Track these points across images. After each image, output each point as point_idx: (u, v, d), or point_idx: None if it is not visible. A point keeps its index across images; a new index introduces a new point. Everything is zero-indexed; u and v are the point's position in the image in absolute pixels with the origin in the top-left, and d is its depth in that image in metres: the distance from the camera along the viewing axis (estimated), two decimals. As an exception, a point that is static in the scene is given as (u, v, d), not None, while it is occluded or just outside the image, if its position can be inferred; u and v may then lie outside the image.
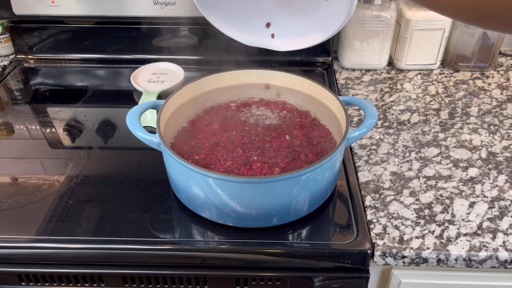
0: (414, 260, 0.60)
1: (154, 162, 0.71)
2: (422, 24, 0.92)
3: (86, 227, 0.62)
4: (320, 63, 1.01)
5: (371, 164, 0.73)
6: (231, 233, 0.61)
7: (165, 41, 1.00)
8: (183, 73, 0.94)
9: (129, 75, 0.93)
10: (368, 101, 0.71)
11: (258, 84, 0.77)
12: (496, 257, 0.59)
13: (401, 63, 0.98)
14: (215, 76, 0.75)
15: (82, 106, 0.89)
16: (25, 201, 0.66)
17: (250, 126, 0.69)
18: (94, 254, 0.61)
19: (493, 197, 0.67)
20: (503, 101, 0.89)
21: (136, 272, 0.62)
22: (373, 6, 0.92)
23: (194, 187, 0.59)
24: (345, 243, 0.60)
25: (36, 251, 0.61)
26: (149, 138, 0.61)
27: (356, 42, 0.96)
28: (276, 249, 0.60)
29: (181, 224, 0.63)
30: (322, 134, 0.69)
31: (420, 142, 0.78)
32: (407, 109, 0.87)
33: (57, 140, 0.80)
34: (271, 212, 0.60)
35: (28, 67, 1.02)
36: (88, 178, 0.71)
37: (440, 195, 0.68)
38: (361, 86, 0.94)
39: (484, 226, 0.63)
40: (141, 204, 0.66)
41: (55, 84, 0.97)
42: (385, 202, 0.66)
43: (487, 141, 0.78)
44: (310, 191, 0.60)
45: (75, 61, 1.03)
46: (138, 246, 0.60)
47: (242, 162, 0.62)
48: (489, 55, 0.97)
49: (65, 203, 0.66)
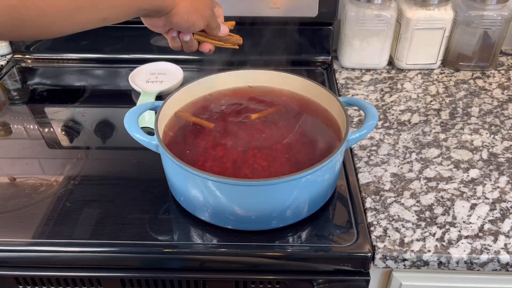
0: (415, 263, 0.59)
1: (152, 163, 0.71)
2: (423, 24, 0.92)
3: (84, 230, 0.62)
4: (319, 63, 1.00)
5: (371, 165, 0.73)
6: (230, 236, 0.61)
7: (164, 41, 0.99)
8: (181, 73, 0.93)
9: (127, 75, 0.92)
10: (368, 102, 0.70)
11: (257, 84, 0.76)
12: (497, 259, 0.59)
13: (401, 62, 0.98)
14: (214, 76, 0.74)
15: (80, 106, 0.88)
16: (23, 204, 0.66)
17: (250, 126, 0.69)
18: (92, 257, 0.60)
19: (494, 199, 0.67)
20: (504, 101, 0.89)
21: (134, 275, 0.61)
22: (373, 5, 0.91)
23: (193, 189, 0.59)
24: (345, 246, 0.60)
25: (34, 254, 0.60)
26: (147, 140, 0.61)
27: (356, 41, 0.95)
28: (276, 252, 0.60)
29: (179, 226, 0.63)
30: (322, 135, 0.68)
31: (420, 143, 0.78)
32: (407, 109, 0.86)
33: (55, 141, 0.79)
34: (271, 214, 0.59)
35: (26, 66, 1.02)
36: (86, 179, 0.70)
37: (441, 197, 0.67)
38: (361, 86, 0.94)
39: (486, 228, 0.62)
40: (140, 206, 0.66)
41: (52, 84, 0.97)
42: (386, 204, 0.66)
43: (488, 142, 0.78)
44: (310, 194, 0.60)
45: (73, 61, 1.02)
46: (137, 249, 0.60)
47: (241, 163, 0.62)
48: (490, 55, 0.96)
49: (63, 205, 0.65)
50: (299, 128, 0.69)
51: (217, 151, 0.64)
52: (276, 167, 0.62)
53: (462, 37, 0.95)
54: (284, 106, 0.73)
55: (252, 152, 0.64)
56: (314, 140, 0.67)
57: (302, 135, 0.68)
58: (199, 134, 0.67)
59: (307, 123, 0.70)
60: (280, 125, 0.70)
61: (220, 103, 0.74)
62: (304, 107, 0.73)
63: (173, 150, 0.63)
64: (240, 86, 0.76)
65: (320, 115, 0.72)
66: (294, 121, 0.70)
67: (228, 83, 0.76)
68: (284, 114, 0.72)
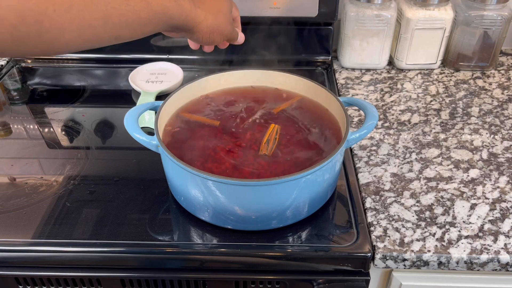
0: (415, 263, 0.59)
1: (152, 162, 0.71)
2: (423, 24, 0.92)
3: (83, 230, 0.62)
4: (320, 63, 1.00)
5: (371, 165, 0.73)
6: (230, 236, 0.61)
7: (164, 41, 1.00)
8: (181, 73, 0.93)
9: (127, 75, 0.92)
10: (368, 102, 0.70)
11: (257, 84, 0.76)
12: (497, 259, 0.59)
13: (401, 62, 0.98)
14: (214, 76, 0.74)
15: (80, 106, 0.88)
16: (22, 203, 0.66)
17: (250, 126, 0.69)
18: (92, 257, 0.60)
19: (494, 199, 0.67)
20: (504, 101, 0.89)
21: (134, 275, 0.61)
22: (373, 5, 0.91)
23: (193, 189, 0.59)
24: (345, 246, 0.59)
25: (34, 254, 0.60)
26: (147, 140, 0.61)
27: (356, 41, 0.95)
28: (276, 252, 0.60)
29: (179, 226, 0.63)
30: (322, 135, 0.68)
31: (420, 143, 0.77)
32: (407, 109, 0.86)
33: (55, 141, 0.79)
34: (271, 214, 0.59)
35: (26, 67, 1.02)
36: (85, 179, 0.70)
37: (441, 197, 0.67)
38: (361, 86, 0.94)
39: (486, 228, 0.62)
40: (140, 206, 0.66)
41: (52, 84, 0.97)
42: (386, 204, 0.66)
43: (488, 142, 0.78)
44: (310, 194, 0.60)
45: (72, 61, 1.02)
46: (137, 249, 0.60)
47: (241, 163, 0.62)
48: (490, 54, 0.96)
49: (63, 205, 0.65)
50: (299, 128, 0.69)
51: (217, 151, 0.64)
52: (276, 167, 0.62)
53: (462, 37, 0.95)
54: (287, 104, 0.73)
55: (252, 152, 0.64)
56: (314, 140, 0.67)
57: (302, 135, 0.68)
58: (199, 134, 0.67)
59: (307, 123, 0.70)
60: (280, 126, 0.70)
61: (221, 102, 0.74)
62: (304, 107, 0.73)
63: (173, 150, 0.63)
64: (240, 86, 0.76)
65: (320, 115, 0.72)
66: (294, 121, 0.70)
67: (228, 83, 0.76)
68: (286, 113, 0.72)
